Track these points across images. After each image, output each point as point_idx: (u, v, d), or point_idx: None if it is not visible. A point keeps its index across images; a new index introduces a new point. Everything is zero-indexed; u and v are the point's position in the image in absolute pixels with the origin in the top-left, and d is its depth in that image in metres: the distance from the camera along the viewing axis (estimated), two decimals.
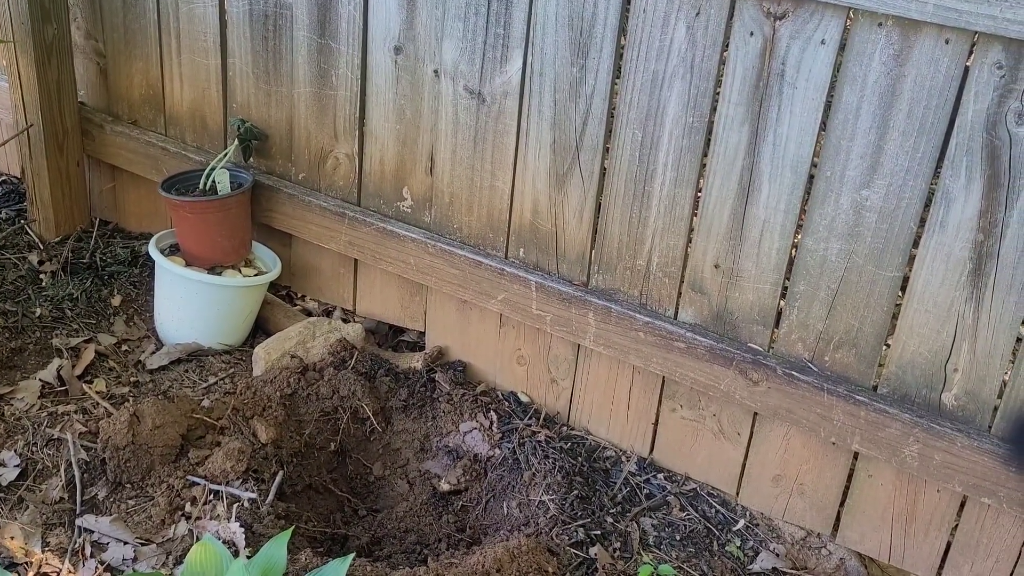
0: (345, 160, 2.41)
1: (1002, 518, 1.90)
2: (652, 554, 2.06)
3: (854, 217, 1.81)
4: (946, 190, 1.72)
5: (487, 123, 2.15)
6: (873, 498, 2.02)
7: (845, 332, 1.91)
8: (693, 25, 1.84)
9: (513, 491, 2.15)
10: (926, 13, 1.60)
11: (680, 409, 2.20)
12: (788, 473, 2.11)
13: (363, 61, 2.27)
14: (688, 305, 2.08)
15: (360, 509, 2.24)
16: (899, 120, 1.71)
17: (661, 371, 2.12)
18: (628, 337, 2.12)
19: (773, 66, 1.79)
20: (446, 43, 2.13)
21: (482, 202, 2.24)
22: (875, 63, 1.70)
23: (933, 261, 1.78)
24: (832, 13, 1.71)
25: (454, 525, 2.18)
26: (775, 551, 2.10)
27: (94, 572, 1.89)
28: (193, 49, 2.54)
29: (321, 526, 2.12)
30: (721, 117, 1.88)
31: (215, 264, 2.47)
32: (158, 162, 2.67)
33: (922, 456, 1.87)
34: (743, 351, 2.01)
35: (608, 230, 2.11)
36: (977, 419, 1.84)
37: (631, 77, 1.94)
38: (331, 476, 2.25)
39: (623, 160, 2.02)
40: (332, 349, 2.39)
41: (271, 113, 2.48)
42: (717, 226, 1.97)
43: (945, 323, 1.80)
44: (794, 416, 1.99)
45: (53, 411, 2.21)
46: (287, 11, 2.33)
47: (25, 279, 2.63)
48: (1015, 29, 1.54)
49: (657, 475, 2.26)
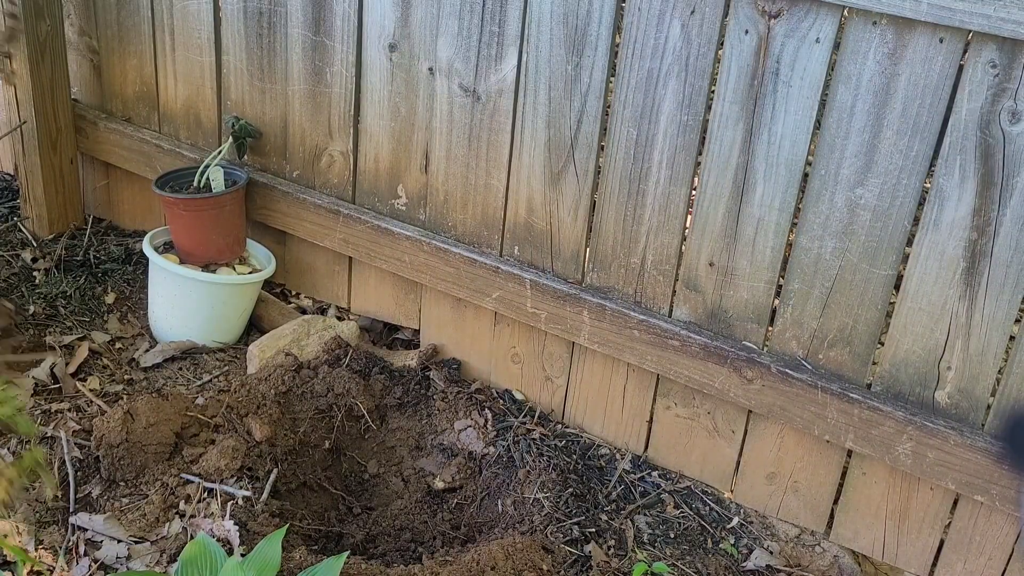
0: (340, 158, 2.41)
1: (995, 516, 1.90)
2: (646, 552, 2.06)
3: (848, 215, 1.82)
4: (940, 189, 1.72)
5: (482, 121, 2.15)
6: (867, 496, 2.03)
7: (839, 330, 1.91)
8: (688, 23, 1.84)
9: (508, 489, 2.16)
10: (920, 12, 1.60)
11: (674, 407, 2.20)
12: (782, 471, 2.11)
13: (358, 59, 2.27)
14: (683, 303, 2.08)
15: (355, 507, 2.24)
16: (893, 119, 1.72)
17: (656, 369, 2.12)
18: (623, 335, 2.12)
19: (768, 64, 1.79)
20: (441, 41, 2.13)
21: (477, 200, 2.24)
22: (869, 62, 1.70)
23: (927, 260, 1.78)
24: (826, 12, 1.71)
25: (449, 523, 2.18)
26: (769, 549, 2.10)
27: (88, 570, 1.88)
28: (187, 46, 2.53)
29: (316, 524, 2.12)
30: (716, 115, 1.88)
31: (209, 262, 2.47)
32: (152, 159, 2.66)
33: (916, 454, 1.88)
34: (737, 349, 2.01)
35: (603, 228, 2.11)
36: (970, 417, 1.85)
37: (626, 75, 1.94)
38: (326, 474, 2.25)
39: (618, 158, 2.02)
40: (326, 347, 2.38)
41: (266, 110, 2.48)
42: (712, 224, 1.97)
43: (939, 321, 1.81)
44: (788, 414, 1.99)
45: (47, 409, 2.20)
46: (281, 8, 2.32)
47: (19, 276, 2.62)
48: (1009, 28, 1.54)
49: (652, 473, 2.26)
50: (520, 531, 2.02)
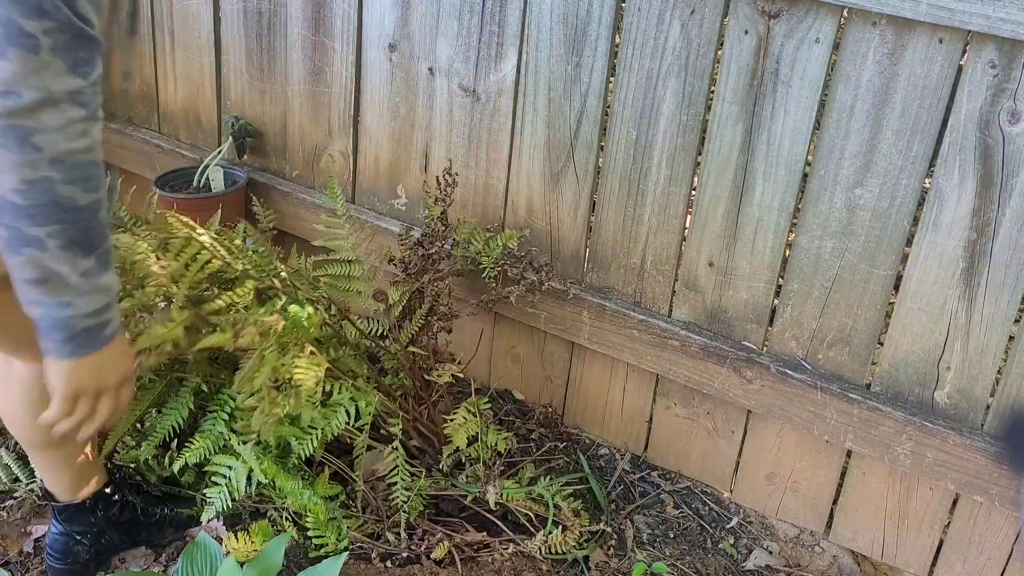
0: (340, 158, 2.41)
1: (994, 515, 1.90)
2: (646, 552, 2.06)
3: (848, 216, 1.82)
4: (939, 189, 1.73)
5: (482, 121, 2.15)
6: (866, 496, 2.03)
7: (839, 330, 1.91)
8: (688, 23, 1.84)
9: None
10: (920, 12, 1.60)
11: (674, 407, 2.20)
12: (781, 471, 2.11)
13: (358, 58, 2.27)
14: (682, 303, 2.08)
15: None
16: (893, 119, 1.72)
17: (655, 369, 2.12)
18: (622, 335, 2.12)
19: (767, 65, 1.79)
20: (441, 41, 2.13)
21: (477, 200, 2.24)
22: (869, 62, 1.70)
23: (926, 260, 1.78)
24: (826, 12, 1.71)
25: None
26: (768, 549, 2.10)
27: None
28: (187, 46, 2.53)
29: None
30: (715, 115, 1.88)
31: None
32: (152, 159, 2.66)
33: (915, 454, 1.88)
34: (737, 349, 2.01)
35: (603, 228, 2.11)
36: (970, 417, 1.85)
37: (626, 75, 1.94)
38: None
39: (618, 158, 2.02)
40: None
41: (265, 110, 2.48)
42: (711, 224, 1.97)
43: (938, 321, 1.81)
44: (787, 414, 1.99)
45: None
46: (281, 8, 2.33)
47: None
48: (1008, 28, 1.54)
49: (651, 473, 2.26)
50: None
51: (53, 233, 1.12)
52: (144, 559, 1.91)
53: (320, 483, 1.87)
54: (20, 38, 1.04)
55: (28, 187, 1.09)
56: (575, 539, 1.96)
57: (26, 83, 1.05)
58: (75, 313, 1.18)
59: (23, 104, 1.06)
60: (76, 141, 1.10)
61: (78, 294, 1.17)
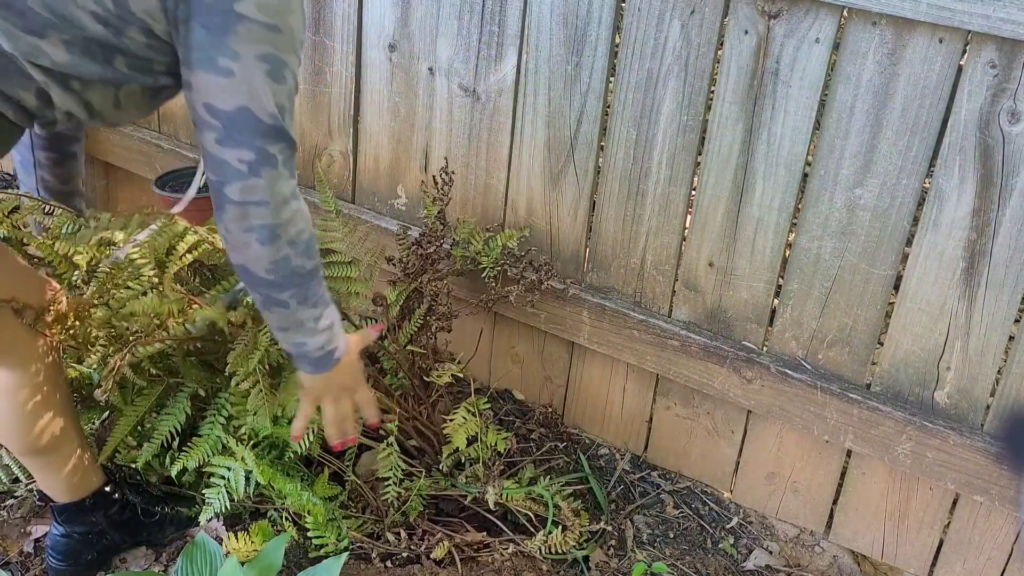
0: (339, 157, 2.41)
1: (994, 515, 1.90)
2: (646, 552, 2.06)
3: (848, 216, 1.82)
4: (939, 189, 1.72)
5: (482, 121, 2.15)
6: (866, 496, 2.03)
7: (838, 330, 1.91)
8: (688, 23, 1.84)
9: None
10: (920, 12, 1.60)
11: (674, 407, 2.20)
12: (781, 471, 2.11)
13: (358, 58, 2.27)
14: (682, 303, 2.08)
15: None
16: (892, 119, 1.72)
17: (655, 369, 2.12)
18: (622, 335, 2.12)
19: (767, 65, 1.79)
20: (440, 41, 2.13)
21: (477, 200, 2.24)
22: (869, 62, 1.70)
23: (926, 260, 1.78)
24: (826, 12, 1.71)
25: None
26: (768, 549, 2.10)
27: None
28: None
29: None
30: (715, 116, 1.88)
31: None
32: (152, 159, 2.66)
33: (915, 454, 1.88)
34: (737, 349, 2.01)
35: (603, 228, 2.11)
36: (970, 417, 1.85)
37: (626, 75, 1.94)
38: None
39: (618, 158, 2.02)
40: None
41: None
42: (711, 224, 1.97)
43: (938, 321, 1.81)
44: (787, 414, 1.99)
45: None
46: None
47: None
48: (1008, 28, 1.54)
49: (651, 473, 2.26)
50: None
51: (293, 295, 1.46)
52: (145, 559, 1.91)
53: (320, 483, 1.88)
54: (267, 160, 1.35)
55: (274, 266, 1.42)
56: (575, 539, 1.97)
57: (270, 193, 1.36)
58: (311, 348, 1.55)
59: (271, 209, 1.37)
60: (300, 224, 1.43)
61: (312, 335, 1.53)
